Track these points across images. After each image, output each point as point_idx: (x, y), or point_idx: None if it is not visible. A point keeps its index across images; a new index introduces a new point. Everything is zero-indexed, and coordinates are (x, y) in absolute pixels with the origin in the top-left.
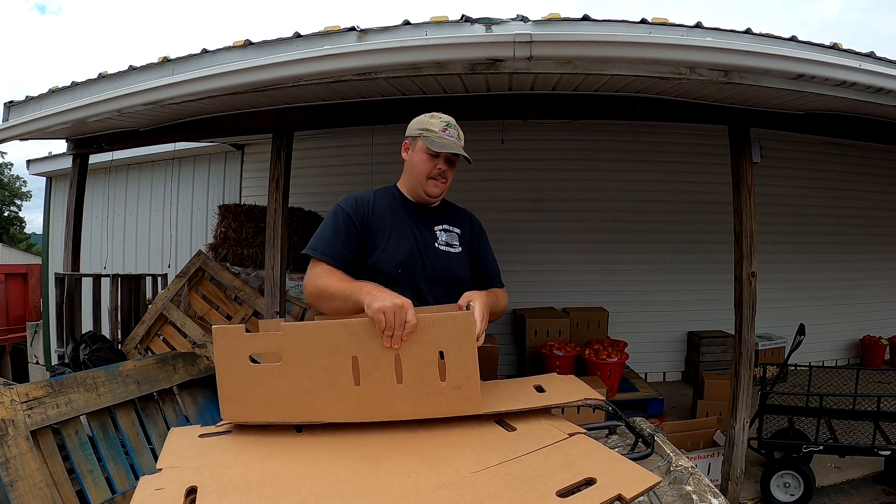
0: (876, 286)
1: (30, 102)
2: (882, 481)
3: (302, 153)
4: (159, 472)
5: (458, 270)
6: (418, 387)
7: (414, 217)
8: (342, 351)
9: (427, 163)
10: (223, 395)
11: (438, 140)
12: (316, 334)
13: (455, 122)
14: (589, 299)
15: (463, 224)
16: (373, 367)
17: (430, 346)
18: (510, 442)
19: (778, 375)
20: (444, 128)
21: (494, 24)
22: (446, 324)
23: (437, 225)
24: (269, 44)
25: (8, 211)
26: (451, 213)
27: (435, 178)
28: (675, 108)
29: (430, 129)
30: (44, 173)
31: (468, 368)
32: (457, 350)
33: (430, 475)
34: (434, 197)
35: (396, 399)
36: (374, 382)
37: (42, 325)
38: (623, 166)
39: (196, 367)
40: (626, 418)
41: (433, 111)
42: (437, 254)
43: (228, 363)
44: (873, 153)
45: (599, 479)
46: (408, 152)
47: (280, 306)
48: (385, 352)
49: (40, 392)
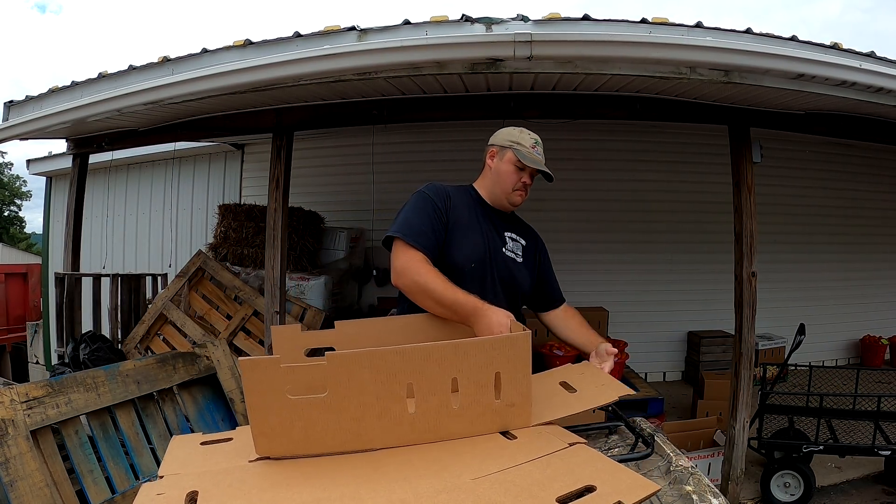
0: (876, 286)
1: (30, 102)
2: (882, 481)
3: (302, 153)
4: (160, 479)
5: (520, 279)
6: (475, 407)
7: (487, 219)
8: (397, 378)
9: (514, 174)
10: (256, 430)
11: (529, 155)
12: (369, 362)
13: (540, 139)
14: (589, 299)
15: (528, 237)
16: (429, 392)
17: (488, 368)
18: (511, 451)
19: (778, 375)
20: (533, 144)
21: (494, 23)
22: (504, 346)
23: (507, 231)
24: (269, 43)
25: (8, 211)
26: (519, 224)
27: (520, 190)
28: (676, 108)
29: (521, 143)
30: (44, 173)
31: (522, 387)
32: (512, 371)
33: (431, 481)
34: (516, 206)
35: (451, 420)
36: (431, 407)
37: (42, 324)
38: (623, 166)
39: (196, 366)
40: (626, 418)
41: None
42: (504, 258)
43: (261, 398)
44: (873, 153)
45: (599, 486)
46: (493, 160)
47: (280, 306)
48: (441, 376)
49: (40, 392)
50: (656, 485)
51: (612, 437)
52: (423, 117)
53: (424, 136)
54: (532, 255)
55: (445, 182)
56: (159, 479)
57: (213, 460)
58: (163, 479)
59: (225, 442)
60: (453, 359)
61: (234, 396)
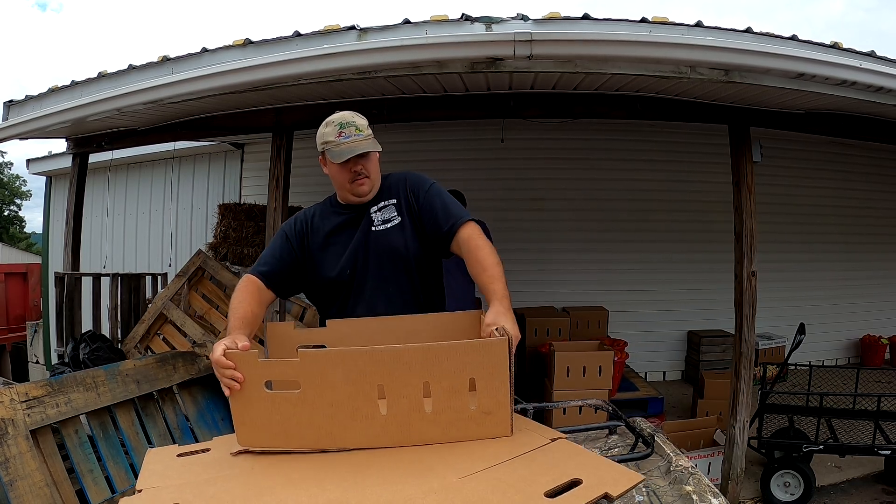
0: (876, 286)
1: (30, 101)
2: (882, 481)
3: (302, 152)
4: (139, 494)
5: (398, 243)
6: (448, 413)
7: (352, 217)
8: (367, 378)
9: (341, 173)
10: (237, 420)
11: (337, 149)
12: (340, 361)
13: (349, 114)
14: (589, 298)
15: (398, 190)
16: (399, 394)
17: (461, 374)
18: (493, 448)
19: (778, 375)
20: (338, 132)
21: (494, 22)
22: (479, 350)
23: (372, 207)
24: (269, 43)
25: (8, 210)
26: (384, 189)
27: (357, 181)
28: (676, 107)
29: (327, 140)
30: (44, 172)
31: (500, 395)
32: (488, 377)
33: (418, 482)
34: (363, 196)
35: (425, 425)
36: (402, 410)
37: (42, 324)
38: (623, 165)
39: (196, 366)
40: (626, 418)
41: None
42: (377, 236)
43: (241, 390)
44: (873, 153)
45: (585, 479)
46: (324, 168)
47: (280, 305)
48: (413, 379)
49: (40, 391)
50: (640, 475)
51: (612, 437)
52: (423, 116)
53: (424, 135)
54: (406, 205)
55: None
56: (137, 493)
57: (193, 471)
58: (142, 493)
59: (203, 452)
60: (424, 362)
61: None
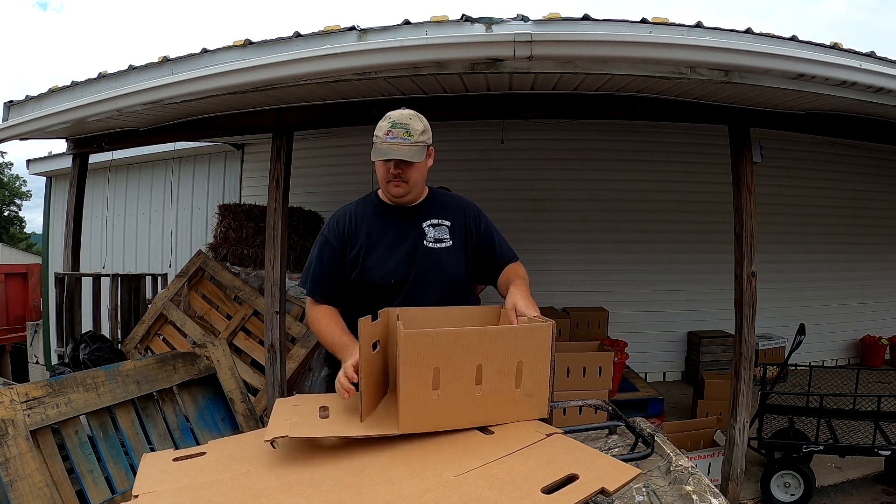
0: (876, 286)
1: (30, 102)
2: (882, 481)
3: (302, 153)
4: (135, 499)
5: (449, 266)
6: (494, 395)
7: (398, 221)
8: (424, 362)
9: (381, 168)
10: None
11: (380, 146)
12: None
13: (408, 115)
14: (589, 299)
15: (454, 215)
16: (453, 377)
17: (511, 356)
18: (489, 445)
19: (778, 375)
20: (387, 130)
21: (494, 23)
22: (528, 335)
23: (426, 220)
24: (269, 43)
25: (8, 210)
26: (438, 205)
27: (392, 181)
28: (676, 108)
29: (377, 133)
30: (44, 173)
31: (542, 377)
32: (534, 360)
33: (415, 481)
34: (398, 198)
35: (471, 407)
36: (453, 392)
37: (42, 324)
38: (623, 166)
39: (196, 366)
40: (626, 418)
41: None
42: (427, 251)
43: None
44: (873, 153)
45: (581, 474)
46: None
47: (280, 306)
48: (467, 362)
49: (40, 392)
50: (636, 469)
51: (613, 437)
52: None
53: None
54: (462, 232)
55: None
56: (134, 498)
57: (189, 475)
58: (138, 499)
59: (199, 456)
60: (480, 345)
61: (234, 396)
